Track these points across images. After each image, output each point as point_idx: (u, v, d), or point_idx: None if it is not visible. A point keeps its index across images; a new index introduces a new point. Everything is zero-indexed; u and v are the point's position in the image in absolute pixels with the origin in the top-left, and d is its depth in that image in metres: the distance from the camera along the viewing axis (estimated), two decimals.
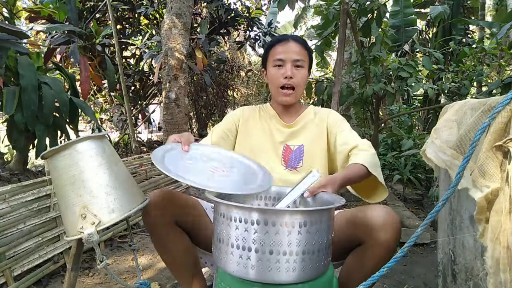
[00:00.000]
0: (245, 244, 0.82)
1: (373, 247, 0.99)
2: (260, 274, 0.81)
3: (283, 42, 1.33)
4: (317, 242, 0.84)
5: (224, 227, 0.86)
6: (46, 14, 4.52)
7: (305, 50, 1.34)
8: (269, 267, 0.81)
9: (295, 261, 0.81)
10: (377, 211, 1.01)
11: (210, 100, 7.37)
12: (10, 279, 1.70)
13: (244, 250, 0.82)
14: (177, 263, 1.20)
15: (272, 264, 0.81)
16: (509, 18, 4.78)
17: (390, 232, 0.98)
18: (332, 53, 11.46)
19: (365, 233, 1.01)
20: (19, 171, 2.92)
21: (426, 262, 2.16)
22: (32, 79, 2.56)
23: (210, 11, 5.83)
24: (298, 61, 1.31)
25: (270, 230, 0.80)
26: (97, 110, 6.18)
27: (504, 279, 0.68)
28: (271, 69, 1.34)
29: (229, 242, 0.84)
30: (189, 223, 1.17)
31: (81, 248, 1.14)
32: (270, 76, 1.35)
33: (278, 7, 4.59)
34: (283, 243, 0.80)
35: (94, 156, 1.05)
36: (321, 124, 1.38)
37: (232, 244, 0.84)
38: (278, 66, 1.32)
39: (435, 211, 0.75)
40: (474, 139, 0.73)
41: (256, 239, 0.81)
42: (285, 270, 0.81)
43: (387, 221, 0.99)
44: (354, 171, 1.14)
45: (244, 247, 0.82)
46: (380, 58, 3.44)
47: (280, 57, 1.31)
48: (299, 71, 1.32)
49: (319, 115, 1.41)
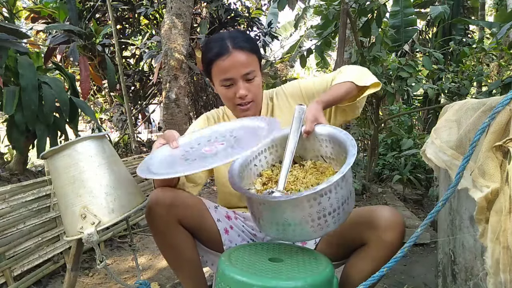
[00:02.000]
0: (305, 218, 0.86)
1: (378, 247, 0.98)
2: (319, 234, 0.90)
3: (225, 55, 1.12)
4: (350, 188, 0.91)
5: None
6: (46, 14, 4.53)
7: (252, 55, 1.16)
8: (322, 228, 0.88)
9: (338, 213, 0.88)
10: (382, 211, 1.00)
11: (210, 100, 7.36)
12: (10, 279, 1.70)
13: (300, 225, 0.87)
14: (179, 262, 1.19)
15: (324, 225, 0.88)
16: (509, 18, 4.79)
17: (395, 233, 0.97)
18: (332, 53, 11.45)
19: (369, 233, 1.00)
20: (19, 171, 2.93)
21: (426, 262, 2.16)
22: (32, 79, 2.56)
23: (210, 11, 5.83)
24: (249, 74, 1.15)
25: (322, 200, 0.85)
26: (97, 110, 6.18)
27: (504, 279, 0.68)
28: (220, 88, 1.18)
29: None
30: (192, 222, 1.16)
31: (81, 248, 1.14)
32: (222, 94, 1.20)
33: (278, 7, 4.59)
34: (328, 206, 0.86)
35: (94, 156, 1.05)
36: (284, 102, 1.30)
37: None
38: (227, 86, 1.17)
39: (435, 211, 0.75)
40: (474, 139, 0.73)
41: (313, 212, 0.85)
42: (333, 224, 0.89)
43: (393, 222, 0.98)
44: (338, 91, 1.13)
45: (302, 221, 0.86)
46: (380, 58, 3.45)
47: (227, 77, 1.14)
48: (252, 83, 1.17)
49: (276, 97, 1.32)
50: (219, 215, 1.23)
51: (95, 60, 4.82)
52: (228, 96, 1.19)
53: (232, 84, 1.17)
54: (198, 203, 1.22)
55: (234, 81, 1.16)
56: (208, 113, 1.38)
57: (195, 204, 1.19)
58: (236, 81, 1.16)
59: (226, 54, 1.13)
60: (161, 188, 1.11)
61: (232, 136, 1.02)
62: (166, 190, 1.11)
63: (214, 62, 1.15)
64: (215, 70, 1.16)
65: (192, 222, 1.15)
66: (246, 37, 1.20)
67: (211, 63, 1.16)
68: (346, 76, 1.19)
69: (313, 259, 0.97)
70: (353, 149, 0.89)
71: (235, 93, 1.17)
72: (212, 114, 1.37)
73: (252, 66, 1.15)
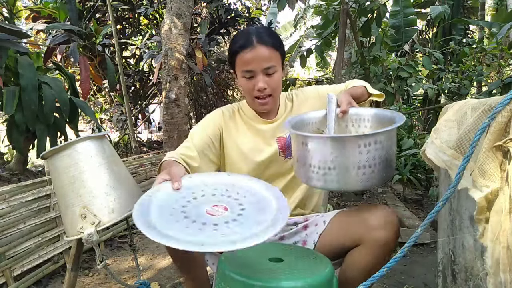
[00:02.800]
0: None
1: (372, 246, 0.99)
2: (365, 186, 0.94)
3: (249, 48, 1.17)
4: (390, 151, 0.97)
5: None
6: (46, 14, 4.53)
7: (275, 51, 1.20)
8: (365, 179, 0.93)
9: (385, 167, 0.94)
10: (376, 210, 1.02)
11: (210, 100, 7.37)
12: (10, 279, 1.70)
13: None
14: (185, 263, 1.20)
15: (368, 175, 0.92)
16: (509, 18, 4.79)
17: (388, 232, 0.98)
18: (332, 53, 11.45)
19: (363, 232, 1.01)
20: (19, 171, 2.93)
21: (426, 262, 2.16)
22: (32, 79, 2.56)
23: (210, 11, 5.83)
24: (270, 69, 1.19)
25: (372, 149, 0.91)
26: (97, 110, 6.19)
27: (504, 279, 0.68)
28: (241, 79, 1.23)
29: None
30: None
31: (81, 248, 1.14)
32: (242, 85, 1.25)
33: (278, 7, 4.59)
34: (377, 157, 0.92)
35: (94, 156, 1.05)
36: (303, 103, 1.35)
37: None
38: (248, 78, 1.21)
39: (435, 211, 0.75)
40: (474, 139, 0.73)
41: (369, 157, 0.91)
42: (376, 179, 0.94)
43: (386, 221, 0.99)
44: (356, 90, 1.26)
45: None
46: (380, 58, 3.45)
47: (248, 69, 1.19)
48: (272, 77, 1.21)
49: (296, 98, 1.38)
50: None
51: (95, 60, 4.82)
52: (248, 87, 1.23)
53: (253, 77, 1.20)
54: None
55: (254, 74, 1.20)
56: (224, 108, 1.38)
57: None
58: (256, 73, 1.19)
59: (249, 47, 1.18)
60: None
61: (238, 203, 0.93)
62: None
63: (238, 54, 1.20)
64: (238, 61, 1.21)
65: None
66: (271, 33, 1.24)
67: (235, 54, 1.21)
68: (359, 82, 1.35)
69: (313, 259, 0.97)
70: (401, 119, 0.99)
71: (254, 85, 1.21)
72: (227, 109, 1.37)
73: (273, 61, 1.19)
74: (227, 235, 0.78)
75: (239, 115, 1.35)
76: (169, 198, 0.92)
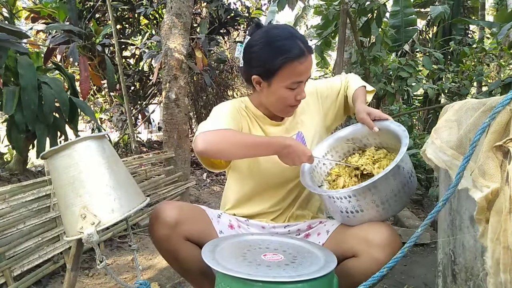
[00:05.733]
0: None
1: (369, 263, 0.99)
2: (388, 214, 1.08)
3: (303, 58, 1.08)
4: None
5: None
6: (46, 14, 4.52)
7: None
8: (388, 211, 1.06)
9: (401, 197, 1.06)
10: (379, 228, 1.02)
11: (210, 100, 7.36)
12: (10, 279, 1.70)
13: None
14: (189, 272, 1.20)
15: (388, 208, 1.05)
16: (509, 18, 4.78)
17: (385, 253, 0.98)
18: (332, 53, 11.45)
19: (363, 247, 1.01)
20: (19, 171, 2.93)
21: (426, 262, 2.16)
22: (32, 79, 2.56)
23: (210, 11, 5.83)
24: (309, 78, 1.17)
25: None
26: (97, 110, 6.18)
27: (504, 280, 0.68)
28: (283, 90, 1.12)
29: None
30: (197, 235, 1.16)
31: (81, 248, 1.14)
32: (280, 94, 1.14)
33: (277, 7, 4.59)
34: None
35: (94, 156, 1.05)
36: (303, 102, 1.31)
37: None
38: (293, 89, 1.13)
39: (435, 211, 0.75)
40: (474, 139, 0.73)
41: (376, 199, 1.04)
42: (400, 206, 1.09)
43: (388, 241, 1.00)
44: (363, 94, 1.30)
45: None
46: (380, 58, 3.45)
47: (300, 80, 1.11)
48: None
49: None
50: (221, 226, 1.23)
51: (95, 60, 4.81)
52: (287, 96, 1.14)
53: (298, 87, 1.14)
54: (202, 213, 1.22)
55: (300, 84, 1.14)
56: (235, 107, 1.27)
57: (199, 216, 1.19)
58: (302, 84, 1.14)
59: (304, 57, 1.09)
60: (165, 204, 1.12)
61: (293, 256, 1.01)
62: (170, 207, 1.11)
63: (289, 63, 1.08)
64: (288, 70, 1.10)
65: (196, 235, 1.15)
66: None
67: (285, 63, 1.09)
68: (357, 80, 1.37)
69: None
70: (405, 139, 1.06)
71: (296, 96, 1.15)
72: (237, 109, 1.28)
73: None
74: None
75: (246, 113, 1.30)
76: (237, 240, 1.10)
